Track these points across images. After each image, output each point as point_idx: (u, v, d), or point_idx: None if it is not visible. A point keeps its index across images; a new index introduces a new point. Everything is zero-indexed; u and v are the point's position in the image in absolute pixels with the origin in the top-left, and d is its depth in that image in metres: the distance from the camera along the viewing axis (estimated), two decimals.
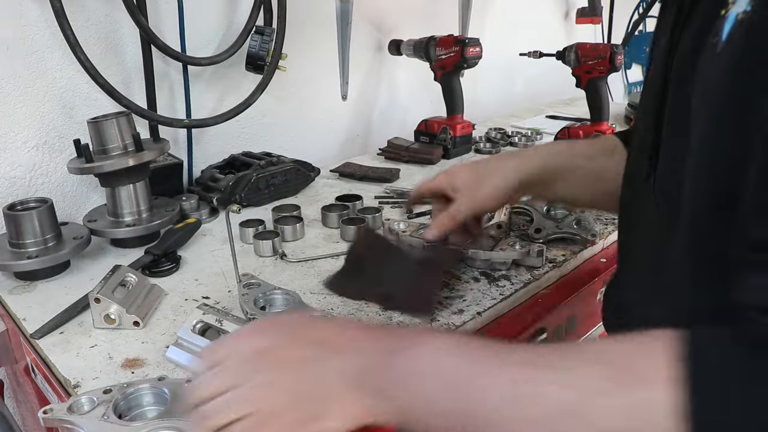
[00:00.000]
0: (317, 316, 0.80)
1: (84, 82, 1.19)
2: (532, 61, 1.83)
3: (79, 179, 1.24)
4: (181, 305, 0.92)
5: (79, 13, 1.17)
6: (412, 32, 1.75)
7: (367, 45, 1.79)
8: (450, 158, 1.65)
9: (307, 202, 1.33)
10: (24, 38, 1.12)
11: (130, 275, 0.90)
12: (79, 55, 1.11)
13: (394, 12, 1.82)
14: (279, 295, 0.88)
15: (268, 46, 1.38)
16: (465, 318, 0.86)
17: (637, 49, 3.16)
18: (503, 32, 2.21)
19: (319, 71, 1.66)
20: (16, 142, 1.15)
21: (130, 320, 0.84)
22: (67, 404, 0.64)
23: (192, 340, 0.76)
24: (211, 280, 0.99)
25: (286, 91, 1.59)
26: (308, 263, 1.04)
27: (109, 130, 1.07)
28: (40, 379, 0.85)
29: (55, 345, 0.82)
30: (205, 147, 1.46)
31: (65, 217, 1.23)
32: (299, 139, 1.66)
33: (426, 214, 1.24)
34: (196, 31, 1.36)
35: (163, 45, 1.24)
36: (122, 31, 1.25)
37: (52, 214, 1.02)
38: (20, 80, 1.13)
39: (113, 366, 0.77)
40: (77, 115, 1.21)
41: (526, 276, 0.98)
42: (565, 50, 1.63)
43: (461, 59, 1.60)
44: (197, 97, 1.40)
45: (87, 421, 0.62)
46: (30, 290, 0.97)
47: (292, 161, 1.38)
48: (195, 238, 1.13)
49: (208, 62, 1.33)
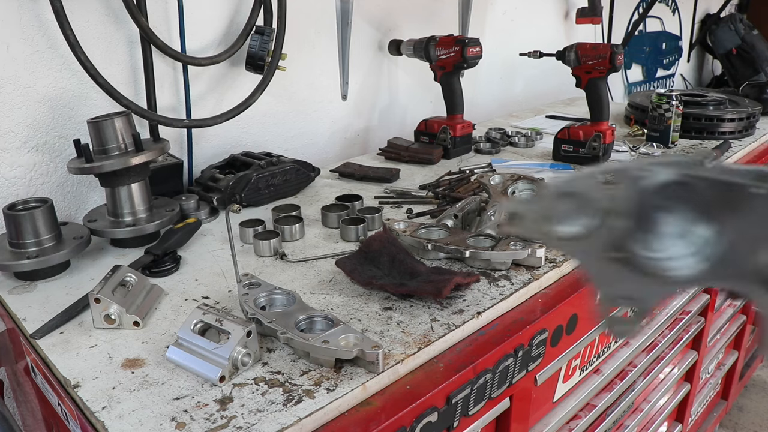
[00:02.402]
0: None
1: (84, 82, 1.19)
2: (532, 61, 1.83)
3: (79, 179, 1.24)
4: (181, 305, 0.91)
5: (79, 13, 1.17)
6: (412, 32, 1.75)
7: (367, 45, 1.79)
8: (450, 158, 1.65)
9: (307, 202, 1.33)
10: (24, 38, 1.12)
11: (130, 275, 0.90)
12: (79, 55, 1.11)
13: (394, 12, 1.82)
14: (279, 295, 0.88)
15: (268, 46, 1.38)
16: (465, 318, 0.86)
17: (637, 49, 3.16)
18: (503, 32, 2.21)
19: (319, 71, 1.66)
20: (16, 142, 1.15)
21: (130, 320, 0.84)
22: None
23: (192, 340, 0.76)
24: (211, 280, 0.99)
25: (286, 91, 1.59)
26: (308, 263, 1.04)
27: (109, 130, 1.07)
28: (40, 379, 0.85)
29: (55, 345, 0.82)
30: (205, 147, 1.46)
31: (65, 217, 1.23)
32: (299, 139, 1.66)
33: (426, 213, 1.24)
34: (196, 31, 1.36)
35: (163, 45, 1.24)
36: (122, 31, 1.25)
37: (52, 214, 1.02)
38: (20, 80, 1.13)
39: (113, 366, 0.77)
40: (77, 115, 1.21)
41: (526, 276, 0.98)
42: (565, 50, 1.62)
43: (461, 59, 1.60)
44: (197, 97, 1.40)
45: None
46: (30, 290, 0.97)
47: (292, 161, 1.38)
48: (195, 238, 1.13)
49: (208, 62, 1.33)
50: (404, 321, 0.85)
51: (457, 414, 0.80)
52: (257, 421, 0.66)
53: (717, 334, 1.75)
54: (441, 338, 0.81)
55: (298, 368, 0.75)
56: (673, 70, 3.55)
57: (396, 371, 0.76)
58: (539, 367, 0.95)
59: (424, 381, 0.76)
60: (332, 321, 0.79)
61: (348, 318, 0.86)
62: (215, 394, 0.71)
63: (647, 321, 0.42)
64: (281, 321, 0.79)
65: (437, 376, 0.77)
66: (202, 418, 0.67)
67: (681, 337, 1.46)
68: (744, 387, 2.28)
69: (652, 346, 1.35)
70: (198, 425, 0.66)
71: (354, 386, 0.71)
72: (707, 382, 1.84)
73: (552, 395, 1.07)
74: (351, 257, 0.98)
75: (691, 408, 1.70)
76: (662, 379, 1.46)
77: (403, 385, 0.75)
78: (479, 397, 0.83)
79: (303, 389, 0.71)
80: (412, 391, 0.75)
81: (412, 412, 0.72)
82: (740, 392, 2.24)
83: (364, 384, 0.72)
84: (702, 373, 1.71)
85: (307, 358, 0.76)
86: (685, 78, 3.74)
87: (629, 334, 0.41)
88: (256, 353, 0.76)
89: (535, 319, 0.91)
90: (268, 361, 0.77)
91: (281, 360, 0.77)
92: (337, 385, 0.72)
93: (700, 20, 3.71)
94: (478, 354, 0.82)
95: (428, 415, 0.75)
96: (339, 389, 0.71)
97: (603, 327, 0.40)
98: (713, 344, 1.74)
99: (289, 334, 0.76)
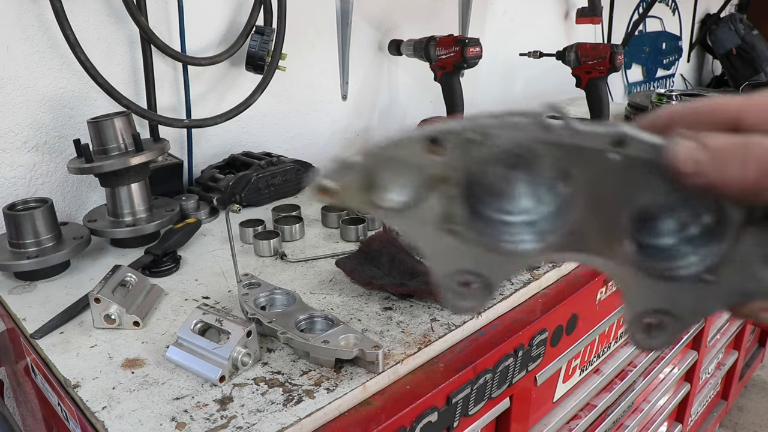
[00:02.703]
0: None
1: (84, 82, 1.19)
2: (532, 61, 1.83)
3: (79, 179, 1.24)
4: (181, 305, 0.91)
5: (79, 13, 1.17)
6: (412, 32, 1.75)
7: (367, 45, 1.79)
8: None
9: (307, 202, 1.33)
10: (24, 38, 1.12)
11: (130, 275, 0.90)
12: (79, 55, 1.11)
13: (394, 12, 1.82)
14: (279, 295, 0.88)
15: (268, 46, 1.38)
16: (465, 318, 0.86)
17: (637, 49, 3.16)
18: (503, 32, 2.21)
19: (319, 71, 1.66)
20: (16, 142, 1.15)
21: (130, 320, 0.84)
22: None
23: (192, 340, 0.76)
24: (211, 280, 0.99)
25: (286, 91, 1.59)
26: (308, 263, 1.04)
27: (109, 130, 1.07)
28: (40, 379, 0.85)
29: (55, 345, 0.82)
30: (205, 147, 1.46)
31: (65, 217, 1.23)
32: (299, 139, 1.66)
33: None
34: (196, 31, 1.36)
35: (163, 45, 1.24)
36: (122, 31, 1.25)
37: (52, 214, 1.02)
38: (20, 80, 1.13)
39: (113, 366, 0.77)
40: (77, 115, 1.21)
41: (526, 276, 0.98)
42: (565, 50, 1.63)
43: (461, 59, 1.60)
44: (197, 97, 1.40)
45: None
46: (30, 290, 0.97)
47: (292, 161, 1.38)
48: (195, 238, 1.13)
49: (208, 62, 1.33)
50: (404, 321, 0.85)
51: (457, 414, 0.80)
52: (257, 421, 0.66)
53: (717, 334, 1.75)
54: (441, 338, 0.81)
55: (298, 368, 0.75)
56: (673, 70, 3.55)
57: (396, 371, 0.76)
58: (539, 367, 0.95)
59: (424, 381, 0.76)
60: (332, 321, 0.79)
61: (348, 318, 0.86)
62: (215, 394, 0.71)
63: (494, 295, 0.34)
64: (281, 321, 0.79)
65: (437, 376, 0.77)
66: (202, 418, 0.67)
67: (681, 337, 1.46)
68: (744, 387, 2.28)
69: None
70: (198, 425, 0.66)
71: (354, 386, 0.71)
72: (707, 382, 1.84)
73: (552, 395, 1.07)
74: (351, 257, 0.98)
75: (691, 408, 1.70)
76: (662, 379, 1.46)
77: (403, 385, 0.76)
78: (479, 397, 0.83)
79: (303, 389, 0.71)
80: (412, 391, 0.75)
81: (412, 412, 0.73)
82: (740, 392, 2.24)
83: (364, 384, 0.72)
84: (702, 373, 1.71)
85: (307, 358, 0.76)
86: (685, 78, 3.74)
87: (474, 310, 0.36)
88: (256, 353, 0.76)
89: (535, 319, 0.91)
90: (268, 361, 0.77)
91: (281, 360, 0.77)
92: (337, 385, 0.72)
93: (700, 20, 3.71)
94: (478, 354, 0.82)
95: (428, 415, 0.75)
96: (339, 389, 0.71)
97: (444, 304, 0.36)
98: (713, 344, 1.74)
99: (289, 334, 0.76)
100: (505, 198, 0.34)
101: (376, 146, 0.33)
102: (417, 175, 0.33)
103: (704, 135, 0.30)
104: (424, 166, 0.32)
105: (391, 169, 0.33)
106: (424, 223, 0.34)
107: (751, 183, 0.29)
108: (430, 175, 0.32)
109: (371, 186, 0.33)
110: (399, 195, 0.34)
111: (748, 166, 0.29)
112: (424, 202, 0.33)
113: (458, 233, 0.34)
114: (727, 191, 0.30)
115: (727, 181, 0.29)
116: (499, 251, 0.34)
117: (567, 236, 0.33)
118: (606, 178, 0.31)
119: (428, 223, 0.34)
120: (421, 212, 0.34)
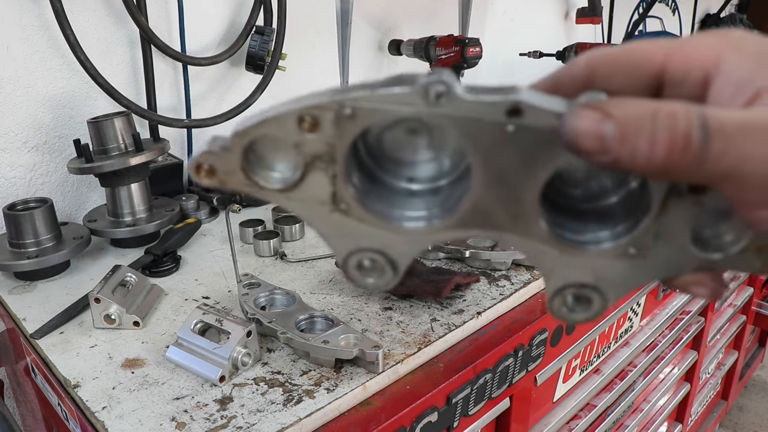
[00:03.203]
0: None
1: (84, 82, 1.19)
2: (532, 61, 1.83)
3: (79, 179, 1.24)
4: (181, 305, 0.91)
5: (79, 13, 1.17)
6: (412, 32, 1.75)
7: (367, 45, 1.79)
8: None
9: None
10: (24, 38, 1.12)
11: (130, 275, 0.90)
12: (79, 55, 1.11)
13: (394, 12, 1.82)
14: (279, 295, 0.88)
15: (268, 46, 1.38)
16: (465, 318, 0.86)
17: None
18: (503, 32, 2.21)
19: (319, 71, 1.66)
20: (16, 142, 1.15)
21: (130, 320, 0.84)
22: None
23: (192, 340, 0.76)
24: (211, 280, 0.99)
25: (286, 91, 1.59)
26: (308, 263, 1.04)
27: (109, 130, 1.07)
28: (40, 379, 0.85)
29: (55, 345, 0.82)
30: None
31: (65, 217, 1.23)
32: None
33: None
34: (196, 31, 1.36)
35: (163, 45, 1.24)
36: (122, 31, 1.25)
37: (52, 214, 1.02)
38: (20, 80, 1.13)
39: (113, 366, 0.77)
40: (77, 115, 1.21)
41: (526, 276, 0.98)
42: (565, 50, 1.63)
43: (461, 59, 1.60)
44: (197, 97, 1.40)
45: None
46: (30, 290, 0.97)
47: None
48: (195, 238, 1.13)
49: (208, 62, 1.33)
50: (404, 321, 0.85)
51: (457, 414, 0.80)
52: (257, 421, 0.66)
53: (717, 334, 1.75)
54: (441, 338, 0.81)
55: (298, 368, 0.75)
56: None
57: (396, 371, 0.76)
58: (539, 367, 0.95)
59: (424, 381, 0.76)
60: (332, 321, 0.79)
61: (348, 318, 0.86)
62: (215, 394, 0.71)
63: (401, 272, 0.31)
64: (281, 321, 0.79)
65: (437, 376, 0.77)
66: (202, 418, 0.67)
67: (681, 337, 1.46)
68: (744, 387, 2.28)
69: (652, 346, 1.35)
70: (198, 425, 0.66)
71: (354, 386, 0.71)
72: (707, 382, 1.84)
73: (552, 395, 1.07)
74: None
75: (691, 408, 1.70)
76: (662, 379, 1.46)
77: (403, 385, 0.76)
78: (479, 397, 0.83)
79: (303, 389, 0.71)
80: (412, 391, 0.75)
81: (412, 412, 0.73)
82: (740, 392, 2.24)
83: (364, 384, 0.72)
84: (702, 373, 1.71)
85: (307, 358, 0.76)
86: None
87: (381, 288, 0.34)
88: (256, 353, 0.76)
89: (535, 319, 0.91)
90: (268, 361, 0.77)
91: (281, 360, 0.77)
92: (337, 385, 0.72)
93: (700, 20, 3.71)
94: (478, 354, 0.82)
95: (428, 415, 0.75)
96: (339, 389, 0.71)
97: (351, 281, 0.34)
98: (713, 344, 1.74)
99: (289, 334, 0.76)
100: (388, 174, 0.32)
101: (249, 124, 0.30)
102: (294, 154, 0.30)
103: (611, 102, 0.25)
104: (299, 143, 0.30)
105: (267, 148, 0.31)
106: (311, 203, 0.31)
107: (660, 161, 0.24)
108: (307, 153, 0.30)
109: (250, 166, 0.31)
110: (279, 175, 0.31)
111: (656, 141, 0.24)
112: (306, 181, 0.31)
113: (348, 212, 0.31)
114: (637, 170, 0.25)
115: (635, 159, 0.24)
116: (390, 230, 0.31)
117: (469, 213, 0.30)
118: (503, 152, 0.28)
119: (315, 203, 0.31)
120: (306, 192, 0.31)
